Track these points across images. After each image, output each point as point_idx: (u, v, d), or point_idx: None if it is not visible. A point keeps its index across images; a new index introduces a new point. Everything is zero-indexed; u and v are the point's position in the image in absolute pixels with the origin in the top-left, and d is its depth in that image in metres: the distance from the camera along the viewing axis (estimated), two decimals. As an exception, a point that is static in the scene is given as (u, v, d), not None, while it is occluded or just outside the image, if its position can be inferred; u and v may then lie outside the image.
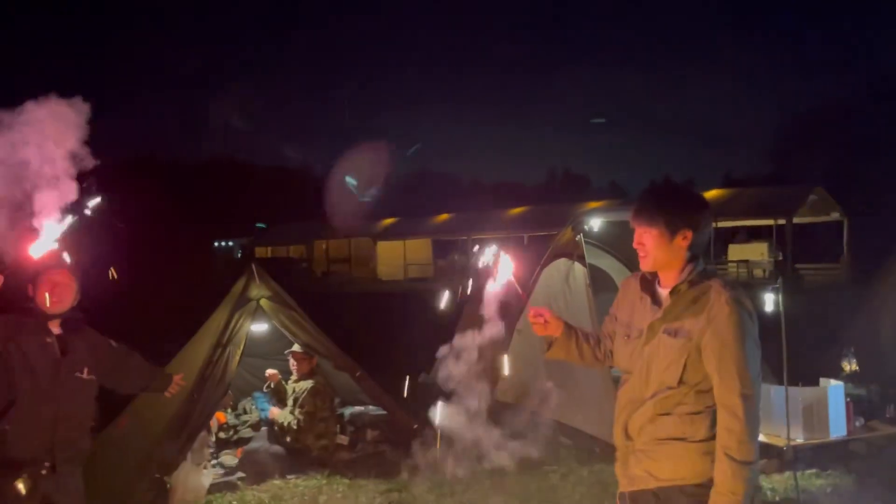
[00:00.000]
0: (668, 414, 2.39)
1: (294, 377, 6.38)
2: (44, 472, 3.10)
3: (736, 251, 26.45)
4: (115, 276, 4.12)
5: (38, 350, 3.14)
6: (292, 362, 6.37)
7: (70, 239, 3.17)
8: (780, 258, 24.32)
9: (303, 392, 6.13)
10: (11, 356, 3.07)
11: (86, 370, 3.32)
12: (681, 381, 2.38)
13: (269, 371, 6.82)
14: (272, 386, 6.76)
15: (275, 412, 6.33)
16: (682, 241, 2.42)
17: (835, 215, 25.44)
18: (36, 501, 3.13)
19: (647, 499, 2.47)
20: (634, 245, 2.51)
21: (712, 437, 2.33)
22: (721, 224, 25.62)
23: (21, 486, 3.06)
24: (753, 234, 27.27)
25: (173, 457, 5.02)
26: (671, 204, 2.47)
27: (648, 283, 2.57)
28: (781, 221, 24.23)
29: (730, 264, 25.79)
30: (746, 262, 24.64)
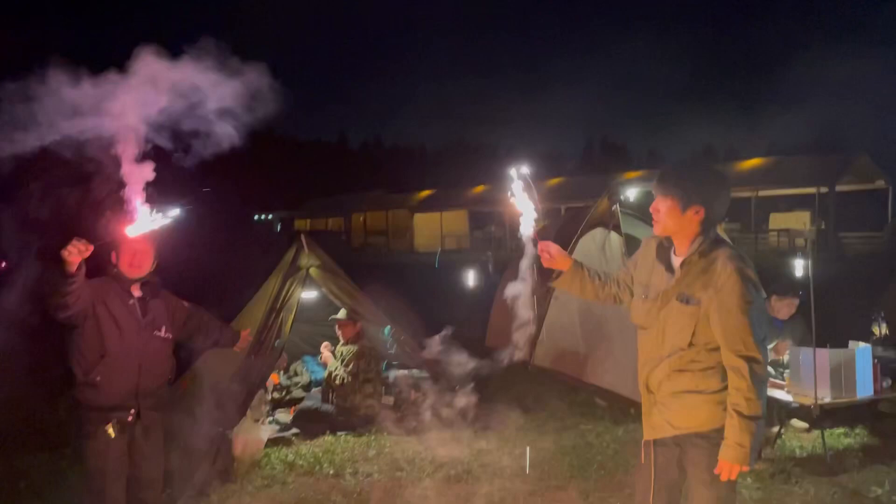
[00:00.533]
0: (682, 370, 2.66)
1: (341, 342, 6.74)
2: (130, 417, 3.49)
3: (778, 220, 26.12)
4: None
5: (123, 310, 3.51)
6: (337, 329, 6.73)
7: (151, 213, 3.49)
8: (823, 227, 23.95)
9: (349, 354, 6.49)
10: (101, 316, 3.44)
11: (164, 328, 3.69)
12: (691, 343, 2.64)
13: (325, 352, 7.10)
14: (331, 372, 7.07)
15: (327, 356, 6.70)
16: (694, 215, 2.64)
17: (879, 183, 24.88)
18: (124, 444, 3.52)
19: (668, 445, 2.75)
20: (651, 209, 2.76)
21: (723, 389, 2.59)
22: (762, 193, 25.32)
23: (111, 430, 3.46)
24: (796, 203, 26.87)
25: (234, 412, 5.41)
26: (687, 179, 2.68)
27: (664, 251, 2.80)
28: (824, 190, 23.82)
29: (770, 233, 25.51)
30: (787, 231, 24.33)
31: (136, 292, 3.63)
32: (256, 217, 52.45)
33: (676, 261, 2.73)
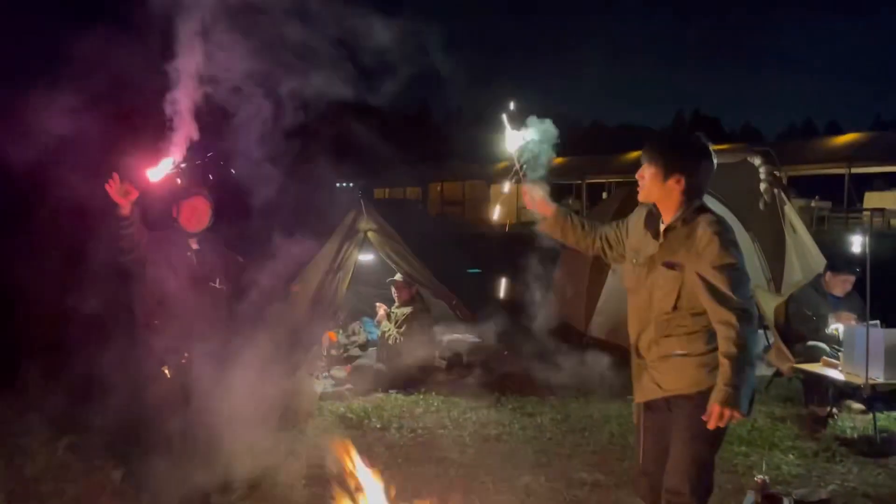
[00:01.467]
0: (669, 335, 2.73)
1: (396, 304, 6.96)
2: (183, 360, 3.80)
3: (873, 199, 24.70)
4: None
5: (181, 261, 3.82)
6: (394, 290, 6.94)
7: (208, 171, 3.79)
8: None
9: (403, 316, 6.71)
10: (160, 265, 3.76)
11: (218, 280, 3.98)
12: (676, 307, 2.70)
13: (381, 310, 7.33)
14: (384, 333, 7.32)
15: (381, 315, 6.95)
16: (675, 183, 2.72)
17: None
18: (177, 385, 3.84)
19: (659, 405, 2.81)
20: (637, 176, 2.85)
21: (709, 352, 2.65)
22: (856, 170, 23.95)
23: (166, 371, 3.78)
24: (894, 182, 25.34)
25: (291, 366, 5.72)
26: (670, 150, 2.78)
27: (653, 218, 2.85)
28: (925, 168, 22.35)
29: (864, 213, 24.18)
30: (882, 210, 22.99)
31: (195, 245, 3.91)
32: (338, 184, 53.64)
33: (662, 227, 2.79)
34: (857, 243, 4.90)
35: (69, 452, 4.86)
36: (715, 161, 2.81)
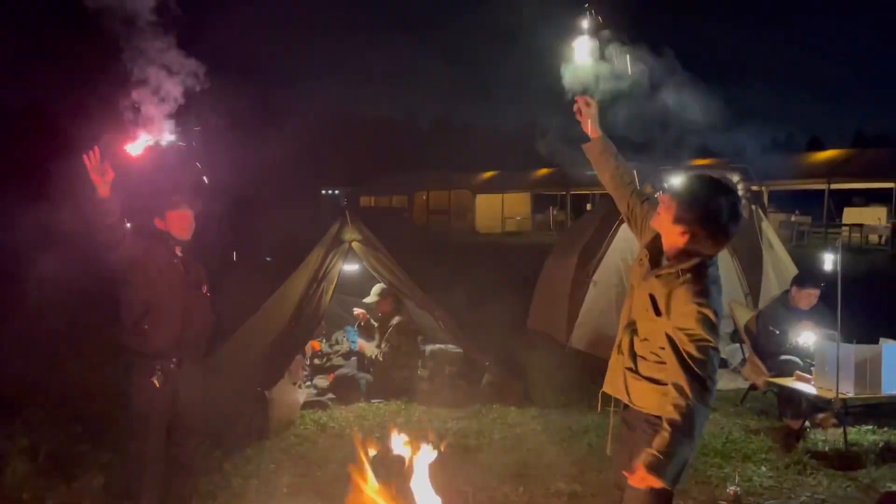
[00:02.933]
0: (644, 358, 2.73)
1: (380, 315, 7.05)
2: (172, 365, 3.84)
3: (852, 214, 25.09)
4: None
5: (168, 267, 3.87)
6: (375, 308, 7.07)
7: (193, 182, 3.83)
8: (900, 223, 22.91)
9: (389, 328, 6.78)
10: (149, 269, 3.80)
11: (204, 287, 4.03)
12: (645, 339, 2.71)
13: (357, 310, 7.49)
14: (361, 324, 7.45)
15: (363, 345, 7.03)
16: (681, 234, 2.60)
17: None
18: (168, 394, 3.87)
19: (634, 422, 2.85)
20: (659, 197, 2.75)
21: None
22: (836, 185, 24.33)
23: (156, 381, 3.81)
24: (872, 198, 25.76)
25: (273, 374, 5.76)
26: (690, 201, 2.58)
27: (660, 243, 2.75)
28: (904, 184, 22.75)
29: (843, 228, 24.54)
30: (861, 226, 23.37)
31: (178, 252, 3.96)
32: (324, 192, 53.54)
33: (664, 261, 2.72)
34: (828, 261, 5.02)
35: (49, 461, 4.87)
36: (731, 237, 2.63)
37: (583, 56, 3.30)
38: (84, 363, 7.36)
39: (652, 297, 2.67)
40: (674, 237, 2.63)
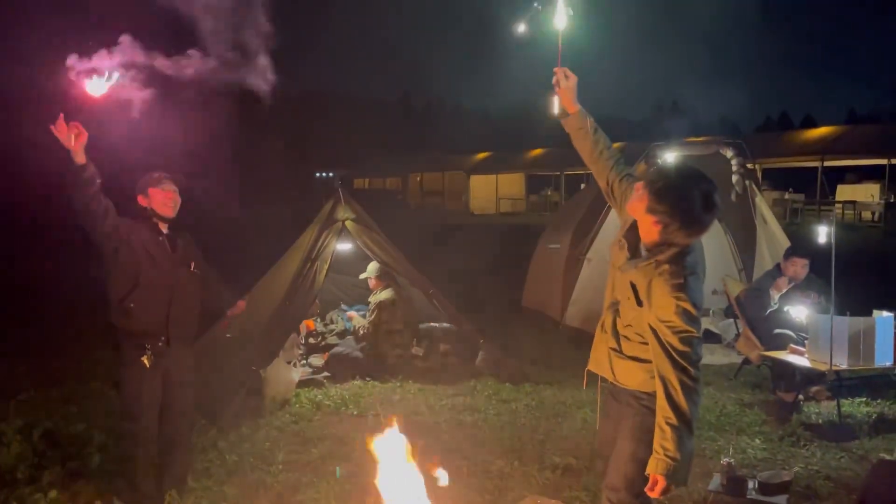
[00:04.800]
0: (627, 338, 2.71)
1: (373, 293, 7.05)
2: (160, 344, 3.80)
3: (845, 192, 25.12)
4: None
5: (154, 244, 3.81)
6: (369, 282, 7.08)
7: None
8: (892, 200, 22.96)
9: (373, 305, 6.81)
10: (135, 245, 3.74)
11: (192, 265, 3.98)
12: (628, 325, 2.69)
13: (350, 313, 7.45)
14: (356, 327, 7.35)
15: (353, 315, 7.07)
16: (654, 224, 2.54)
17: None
18: (158, 374, 3.84)
19: (607, 386, 2.87)
20: (635, 185, 2.66)
21: None
22: (829, 163, 24.35)
23: (146, 361, 3.77)
24: (865, 175, 25.78)
25: (268, 353, 5.75)
26: (664, 194, 2.49)
27: (636, 232, 2.68)
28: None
29: (836, 205, 24.59)
30: (854, 203, 23.41)
31: (164, 230, 3.91)
32: (318, 174, 53.34)
33: (642, 249, 2.67)
34: (821, 233, 5.01)
35: (44, 441, 4.85)
36: (706, 228, 2.55)
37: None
38: (80, 344, 7.35)
39: (633, 286, 2.64)
40: (647, 226, 2.59)
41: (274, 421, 5.40)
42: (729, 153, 7.49)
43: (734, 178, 7.45)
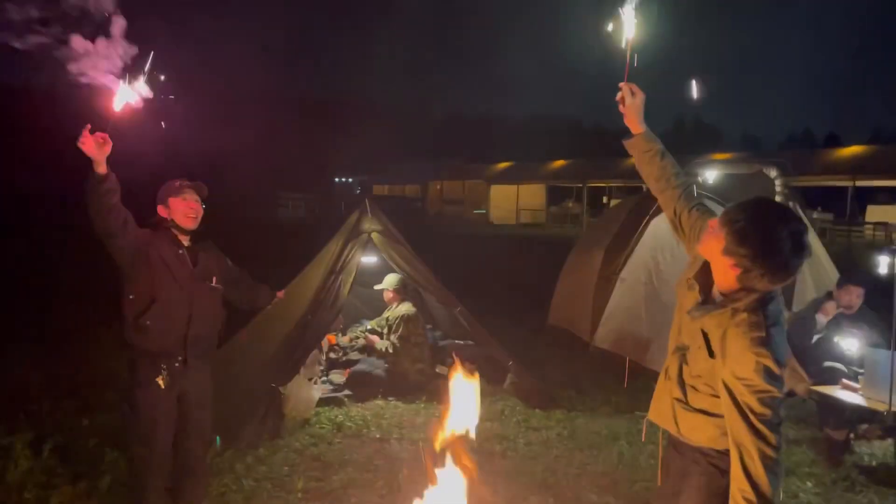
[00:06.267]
0: (695, 389, 2.40)
1: (389, 309, 6.82)
2: (177, 364, 3.56)
3: (876, 213, 24.67)
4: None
5: (174, 258, 3.57)
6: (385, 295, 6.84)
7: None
8: (925, 222, 22.48)
9: (396, 319, 6.54)
10: (153, 260, 3.50)
11: (214, 279, 3.74)
12: (698, 375, 2.38)
13: (371, 337, 7.13)
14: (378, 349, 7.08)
15: (372, 339, 6.80)
16: (731, 267, 2.24)
17: None
18: (174, 394, 3.60)
19: (670, 441, 2.56)
20: (708, 222, 2.36)
21: None
22: (860, 183, 23.88)
23: (161, 381, 3.53)
24: (897, 196, 25.30)
25: (288, 370, 5.50)
26: (745, 236, 2.19)
27: (709, 274, 2.39)
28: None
29: (866, 227, 24.09)
30: (885, 224, 22.91)
31: (186, 242, 3.67)
32: (338, 179, 53.43)
33: (717, 294, 2.37)
34: (883, 264, 4.69)
35: (54, 456, 4.64)
36: (793, 274, 2.23)
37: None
38: (96, 352, 7.15)
39: (705, 335, 2.33)
40: (723, 269, 2.27)
41: (293, 442, 5.15)
42: (773, 172, 7.18)
43: (778, 198, 7.13)
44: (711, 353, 2.33)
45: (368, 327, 7.31)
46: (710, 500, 2.40)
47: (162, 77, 3.10)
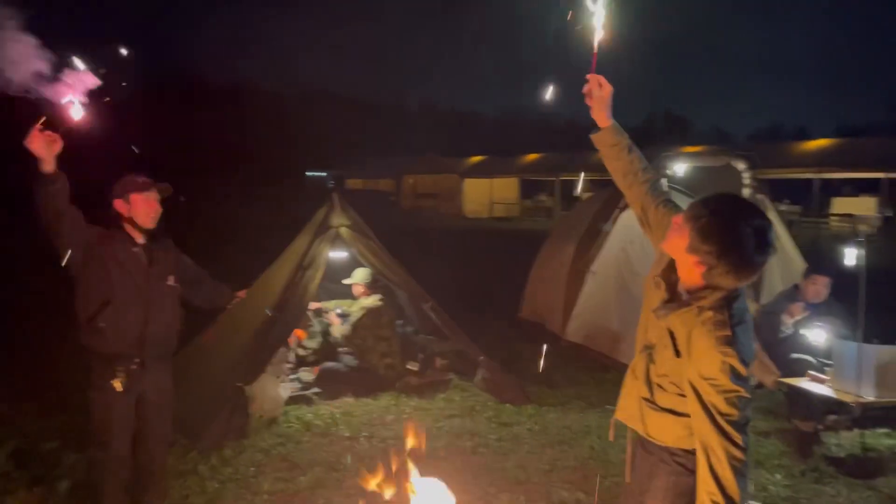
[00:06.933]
0: (661, 388, 2.36)
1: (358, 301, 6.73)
2: (134, 367, 3.44)
3: (841, 205, 25.02)
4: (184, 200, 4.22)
5: (128, 257, 3.44)
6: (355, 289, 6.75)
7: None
8: (890, 214, 22.86)
9: (360, 310, 6.46)
10: (107, 259, 3.37)
11: (171, 278, 3.62)
12: (664, 374, 2.34)
13: (330, 317, 7.02)
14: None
15: (334, 320, 6.71)
16: (696, 265, 2.19)
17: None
18: (132, 397, 3.48)
19: (638, 440, 2.51)
20: (673, 218, 2.31)
21: None
22: (827, 175, 24.23)
23: (118, 384, 3.41)
24: (862, 188, 25.67)
25: (254, 368, 5.39)
26: (709, 232, 2.13)
27: (675, 272, 2.35)
28: (894, 175, 22.63)
29: (832, 218, 24.47)
30: (851, 216, 23.27)
31: (140, 240, 3.55)
32: (310, 173, 52.90)
33: (682, 292, 2.32)
34: (850, 255, 4.71)
35: (11, 460, 4.49)
36: (757, 270, 2.18)
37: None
38: (57, 352, 6.94)
39: (671, 334, 2.28)
40: (688, 267, 2.23)
41: (260, 442, 5.04)
42: (741, 165, 7.20)
43: (745, 191, 7.16)
44: (678, 353, 2.28)
45: (339, 311, 7.18)
46: (676, 500, 2.36)
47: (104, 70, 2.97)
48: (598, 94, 2.63)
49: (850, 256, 4.69)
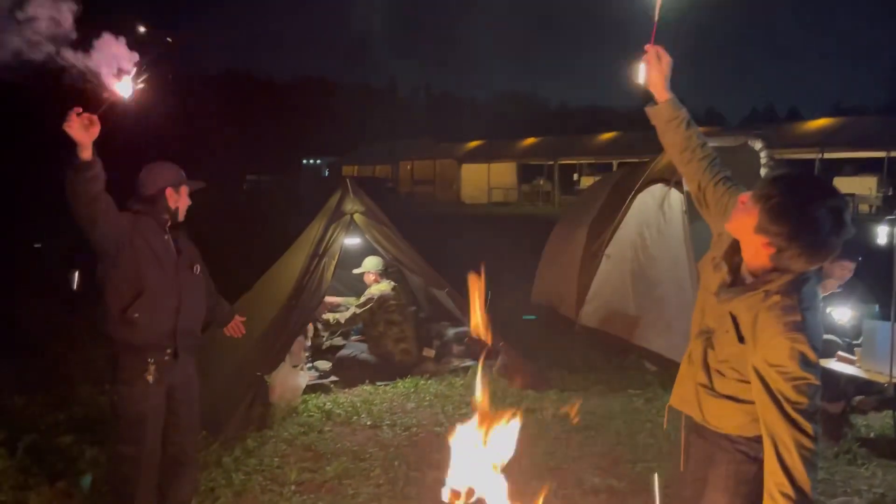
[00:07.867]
0: (723, 374, 2.27)
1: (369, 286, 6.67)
2: (166, 357, 3.34)
3: (842, 184, 24.93)
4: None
5: (160, 246, 3.34)
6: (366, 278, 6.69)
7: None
8: (891, 193, 22.84)
9: (367, 296, 6.41)
10: (139, 248, 3.26)
11: (197, 267, 3.53)
12: (725, 359, 2.25)
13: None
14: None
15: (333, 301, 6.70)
16: (764, 246, 2.09)
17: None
18: (163, 389, 3.38)
19: (692, 426, 2.43)
20: (739, 197, 2.19)
21: None
22: (827, 155, 24.16)
23: (150, 377, 3.31)
24: (863, 168, 25.62)
25: (273, 357, 5.30)
26: (781, 212, 2.02)
27: (738, 254, 2.25)
28: (895, 154, 22.58)
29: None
30: (853, 196, 23.22)
31: (166, 230, 3.45)
32: (305, 161, 52.63)
33: (746, 275, 2.22)
34: (882, 234, 4.63)
35: (30, 454, 4.40)
36: (833, 253, 2.06)
37: None
38: (68, 344, 6.84)
39: (733, 319, 2.19)
40: (755, 248, 2.12)
41: (282, 432, 4.96)
42: (758, 145, 7.09)
43: (763, 171, 7.05)
44: (741, 338, 2.18)
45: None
46: (738, 488, 2.29)
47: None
48: (657, 65, 2.53)
49: (883, 235, 4.61)
